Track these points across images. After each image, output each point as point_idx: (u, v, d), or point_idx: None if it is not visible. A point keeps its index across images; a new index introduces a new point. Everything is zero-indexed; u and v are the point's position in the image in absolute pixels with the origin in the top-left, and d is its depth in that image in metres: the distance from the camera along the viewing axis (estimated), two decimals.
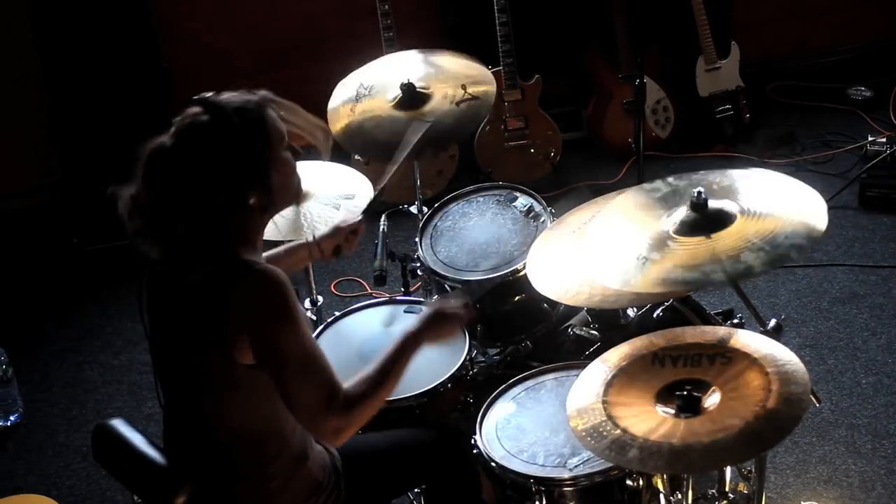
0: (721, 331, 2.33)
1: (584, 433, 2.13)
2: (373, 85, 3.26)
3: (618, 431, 2.09)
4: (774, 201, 2.27)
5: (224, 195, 2.07)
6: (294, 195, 2.26)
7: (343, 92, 3.29)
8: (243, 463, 2.21)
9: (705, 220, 2.25)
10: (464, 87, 2.98)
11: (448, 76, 3.23)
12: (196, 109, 2.10)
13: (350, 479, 2.38)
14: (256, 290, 2.05)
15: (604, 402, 2.19)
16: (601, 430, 2.11)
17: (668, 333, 2.35)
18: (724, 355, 2.22)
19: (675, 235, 2.25)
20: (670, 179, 2.46)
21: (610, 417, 2.14)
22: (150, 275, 2.21)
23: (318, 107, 3.49)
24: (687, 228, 2.26)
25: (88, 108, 4.46)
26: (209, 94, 2.12)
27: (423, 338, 2.25)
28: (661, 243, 2.24)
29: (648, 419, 2.11)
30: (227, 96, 2.12)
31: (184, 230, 2.09)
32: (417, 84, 3.17)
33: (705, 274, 2.10)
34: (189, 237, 2.10)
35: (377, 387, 2.14)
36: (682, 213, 2.30)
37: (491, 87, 3.15)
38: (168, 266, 2.17)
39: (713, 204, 2.27)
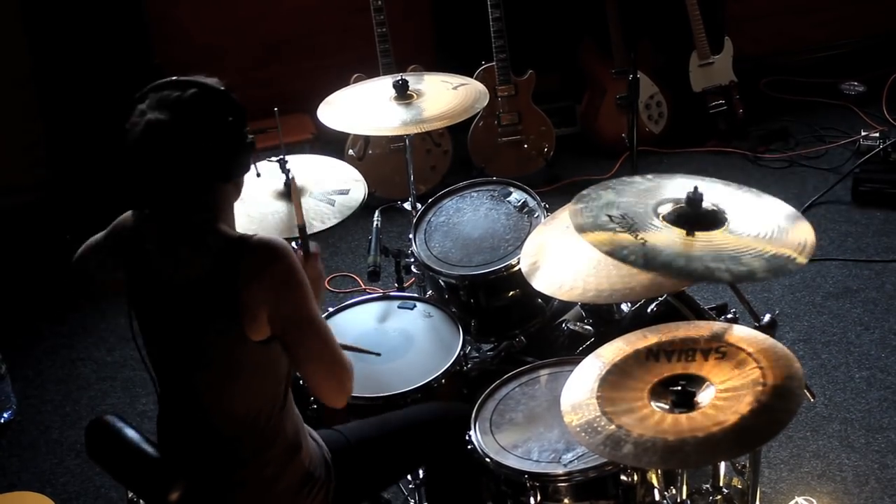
0: (715, 326, 2.33)
1: (578, 428, 2.13)
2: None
3: (612, 427, 2.09)
4: (760, 226, 2.25)
5: (216, 164, 2.11)
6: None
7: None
8: (241, 449, 2.22)
9: (695, 217, 2.24)
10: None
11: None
12: (174, 90, 2.10)
13: (340, 470, 2.38)
14: (262, 262, 2.08)
15: (598, 397, 2.18)
16: (596, 425, 2.11)
17: (663, 328, 2.35)
18: (719, 350, 2.22)
19: (663, 220, 2.24)
20: (649, 176, 2.46)
21: (604, 413, 2.14)
22: (139, 270, 2.21)
23: (310, 102, 3.50)
24: (675, 218, 2.24)
25: (80, 105, 4.45)
26: (176, 77, 2.13)
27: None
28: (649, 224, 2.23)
29: (643, 414, 2.11)
30: (196, 77, 2.15)
31: (176, 204, 2.11)
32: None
33: (709, 270, 2.09)
34: (181, 211, 2.12)
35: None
36: (675, 203, 2.28)
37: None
38: (157, 253, 2.17)
39: (706, 206, 2.26)
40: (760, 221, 2.24)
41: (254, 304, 2.07)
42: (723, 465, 2.61)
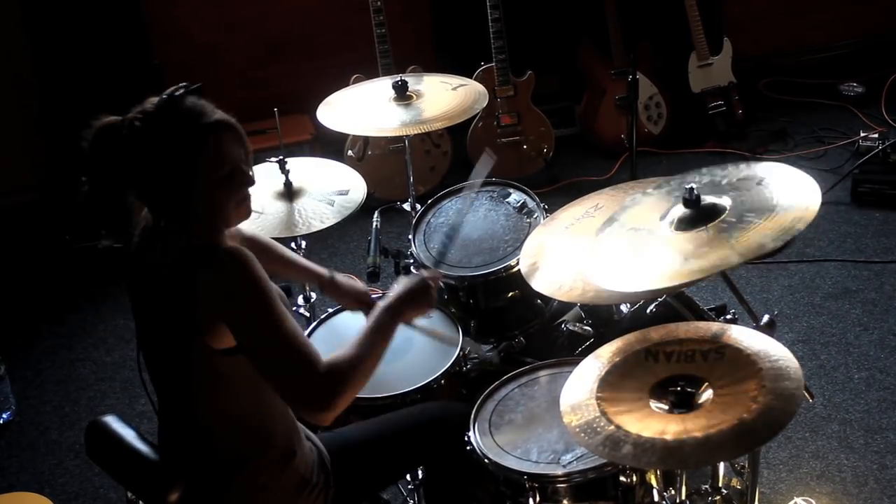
0: (714, 326, 2.33)
1: (577, 429, 2.13)
2: None
3: (611, 427, 2.09)
4: (764, 191, 2.25)
5: (154, 189, 2.09)
6: (229, 218, 2.17)
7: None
8: (232, 456, 2.21)
9: (700, 215, 2.24)
10: None
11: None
12: (156, 99, 2.10)
13: (339, 473, 2.38)
14: (223, 271, 2.03)
15: (598, 398, 2.19)
16: (595, 426, 2.11)
17: (662, 329, 2.35)
18: (718, 351, 2.22)
19: (676, 232, 2.23)
20: (650, 189, 2.46)
21: (604, 413, 2.14)
22: (132, 270, 2.22)
23: (309, 102, 3.50)
24: (685, 224, 2.24)
25: (79, 105, 4.44)
26: (183, 89, 2.11)
27: (401, 312, 2.27)
28: (665, 242, 2.23)
29: (642, 415, 2.11)
30: (192, 101, 2.10)
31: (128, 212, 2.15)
32: None
33: (721, 259, 2.08)
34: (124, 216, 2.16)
35: (362, 357, 2.11)
36: (677, 210, 2.28)
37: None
38: (142, 259, 2.18)
39: (705, 199, 2.26)
40: (759, 194, 2.24)
41: (210, 314, 2.03)
42: (722, 465, 2.61)
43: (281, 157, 3.06)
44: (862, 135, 4.78)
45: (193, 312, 2.04)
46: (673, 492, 2.49)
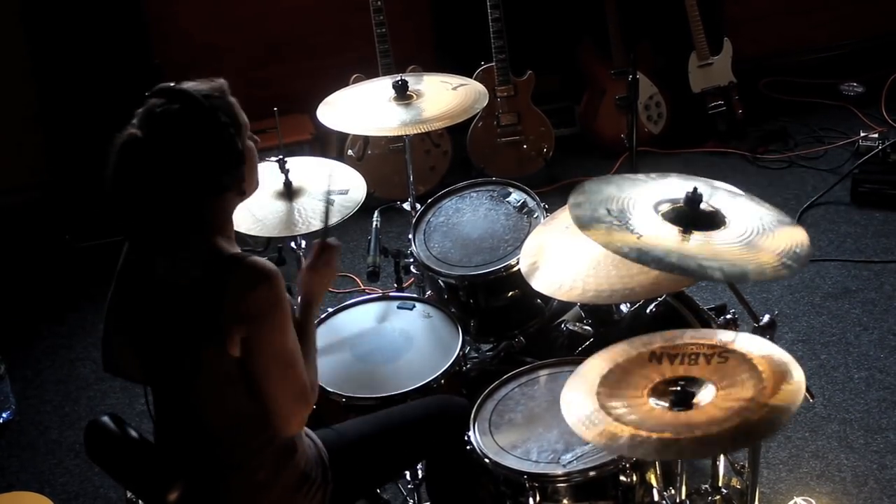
0: (720, 334, 2.32)
1: (576, 420, 2.13)
2: None
3: (609, 419, 2.09)
4: (757, 234, 2.24)
5: (201, 181, 2.09)
6: (257, 183, 2.27)
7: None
8: (233, 453, 2.22)
9: (693, 217, 2.23)
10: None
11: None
12: (160, 100, 2.09)
13: (337, 469, 2.38)
14: (249, 283, 2.06)
15: (598, 393, 2.18)
16: (593, 418, 2.11)
17: (668, 334, 2.34)
18: (721, 355, 2.21)
19: (661, 217, 2.23)
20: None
21: (602, 407, 2.14)
22: (128, 273, 2.22)
23: (309, 102, 3.50)
24: (673, 216, 2.23)
25: (80, 104, 4.45)
26: (171, 84, 2.12)
27: (311, 302, 2.33)
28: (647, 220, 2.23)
29: (641, 411, 2.11)
30: (190, 85, 2.12)
31: (160, 221, 2.11)
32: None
33: (702, 268, 2.08)
34: (166, 227, 2.11)
35: (314, 371, 2.27)
36: (675, 202, 2.27)
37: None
38: (148, 262, 2.17)
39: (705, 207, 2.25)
40: (758, 229, 2.23)
41: (232, 323, 2.06)
42: (721, 465, 2.61)
43: (281, 157, 3.06)
44: (862, 135, 4.78)
45: (219, 319, 2.06)
46: (673, 491, 2.49)
